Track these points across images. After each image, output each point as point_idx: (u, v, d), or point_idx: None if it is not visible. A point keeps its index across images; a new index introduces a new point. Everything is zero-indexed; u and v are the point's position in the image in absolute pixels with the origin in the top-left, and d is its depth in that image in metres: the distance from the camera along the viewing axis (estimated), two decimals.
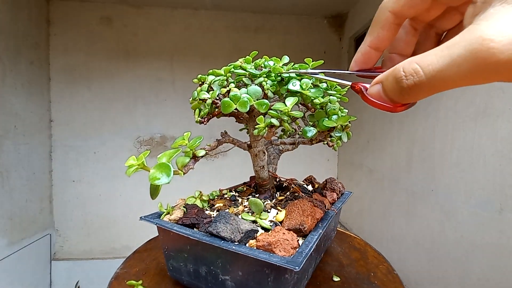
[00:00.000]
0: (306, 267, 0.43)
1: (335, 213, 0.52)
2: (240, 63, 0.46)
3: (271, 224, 0.45)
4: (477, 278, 0.90)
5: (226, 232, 0.40)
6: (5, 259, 1.51)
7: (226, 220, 0.42)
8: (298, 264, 0.34)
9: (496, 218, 0.85)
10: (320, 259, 0.57)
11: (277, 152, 0.62)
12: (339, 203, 0.58)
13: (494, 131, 0.86)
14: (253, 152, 0.54)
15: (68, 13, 1.89)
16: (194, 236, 0.41)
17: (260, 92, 0.41)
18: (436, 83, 0.18)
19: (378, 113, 1.58)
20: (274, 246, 0.37)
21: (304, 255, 0.36)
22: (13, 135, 1.57)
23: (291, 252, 0.37)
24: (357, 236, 0.76)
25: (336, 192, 0.61)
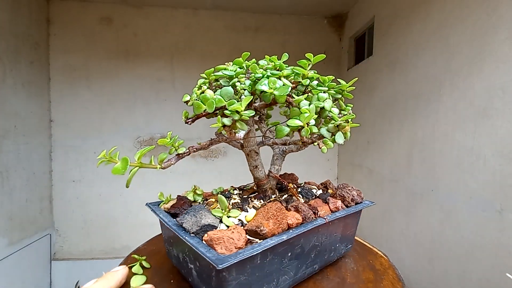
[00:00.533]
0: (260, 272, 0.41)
1: (325, 222, 0.48)
2: (227, 65, 0.47)
3: (237, 223, 0.45)
4: (477, 278, 0.90)
5: (187, 223, 0.42)
6: (5, 259, 1.51)
7: (194, 213, 0.44)
8: (222, 263, 0.34)
9: (496, 218, 0.85)
10: (314, 270, 0.53)
11: (281, 153, 0.61)
12: (340, 212, 0.53)
13: (494, 131, 0.86)
14: (245, 151, 0.54)
15: (68, 13, 1.89)
16: (167, 224, 0.45)
17: (231, 92, 0.42)
18: None
19: (378, 114, 1.58)
20: (215, 242, 0.38)
21: (240, 256, 0.35)
22: (13, 135, 1.57)
23: (232, 251, 0.37)
24: (384, 255, 0.66)
25: (346, 200, 0.57)
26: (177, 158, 0.48)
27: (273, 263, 0.43)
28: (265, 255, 0.40)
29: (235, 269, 0.37)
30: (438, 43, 1.11)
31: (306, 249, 0.49)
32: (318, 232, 0.49)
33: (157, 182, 1.99)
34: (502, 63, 0.84)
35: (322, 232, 0.51)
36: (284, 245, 0.43)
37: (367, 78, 1.73)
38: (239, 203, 0.54)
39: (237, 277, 0.38)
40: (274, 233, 0.42)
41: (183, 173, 2.05)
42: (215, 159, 2.11)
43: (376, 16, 1.64)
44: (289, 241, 0.43)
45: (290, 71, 0.46)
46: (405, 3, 1.34)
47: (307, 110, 0.42)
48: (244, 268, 0.38)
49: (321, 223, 0.48)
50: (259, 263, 0.40)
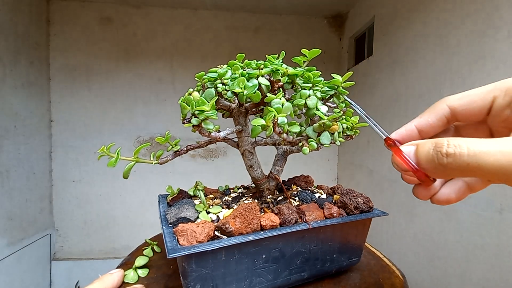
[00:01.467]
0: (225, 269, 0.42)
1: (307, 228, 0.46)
2: (219, 67, 0.48)
3: (214, 219, 0.47)
4: (477, 278, 0.90)
5: (170, 215, 0.46)
6: (5, 259, 1.51)
7: (179, 206, 0.48)
8: (173, 253, 0.36)
9: (496, 218, 0.85)
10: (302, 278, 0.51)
11: (282, 153, 0.61)
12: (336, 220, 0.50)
13: None
14: (240, 151, 0.55)
15: (68, 13, 1.89)
16: (160, 213, 0.49)
17: (213, 94, 0.44)
18: (475, 164, 0.18)
19: (379, 114, 1.58)
20: (180, 234, 0.40)
21: (193, 249, 0.37)
22: (13, 135, 1.57)
23: (192, 243, 0.39)
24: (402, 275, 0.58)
25: (348, 207, 0.53)
26: (173, 155, 0.49)
27: (243, 263, 0.43)
28: (230, 252, 0.41)
29: (194, 262, 0.39)
30: (438, 43, 1.11)
31: (288, 254, 0.47)
32: (303, 238, 0.48)
33: (157, 182, 1.99)
34: (502, 63, 0.84)
35: (310, 238, 0.48)
36: (255, 245, 0.43)
37: (367, 78, 1.73)
38: (230, 201, 0.55)
39: (197, 269, 0.39)
40: (242, 233, 0.42)
41: (183, 173, 2.05)
42: (215, 159, 2.11)
43: (376, 16, 1.64)
44: (260, 242, 0.43)
45: (269, 69, 0.46)
46: (405, 3, 1.34)
47: (273, 109, 0.41)
48: (205, 262, 0.40)
49: (302, 229, 0.46)
50: (224, 260, 0.41)
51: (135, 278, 0.52)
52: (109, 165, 0.41)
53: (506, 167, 0.17)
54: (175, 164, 1.97)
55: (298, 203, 0.56)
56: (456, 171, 0.19)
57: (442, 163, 0.20)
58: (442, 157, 0.20)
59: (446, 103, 0.26)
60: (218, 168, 2.11)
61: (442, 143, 0.20)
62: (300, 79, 0.49)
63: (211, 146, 1.98)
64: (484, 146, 0.18)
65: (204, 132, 0.43)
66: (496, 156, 0.17)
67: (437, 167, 0.20)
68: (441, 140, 0.20)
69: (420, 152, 0.22)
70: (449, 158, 0.19)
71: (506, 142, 0.17)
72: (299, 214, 0.48)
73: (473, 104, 0.24)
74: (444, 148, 0.20)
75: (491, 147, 0.18)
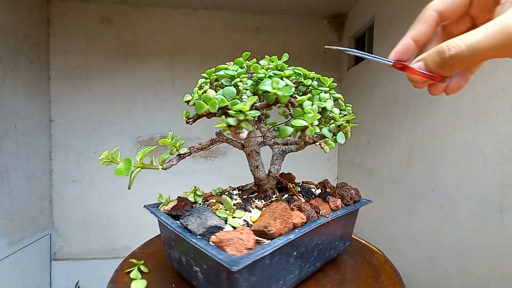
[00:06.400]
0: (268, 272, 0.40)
1: (328, 221, 0.49)
2: (227, 64, 0.47)
3: (243, 224, 0.45)
4: (477, 278, 0.90)
5: (193, 225, 0.42)
6: (5, 259, 1.51)
7: (198, 215, 0.44)
8: (237, 265, 0.33)
9: (496, 218, 0.85)
10: (316, 268, 0.53)
11: (280, 153, 0.61)
12: (341, 210, 0.54)
13: (494, 131, 0.86)
14: (246, 151, 0.54)
15: (68, 13, 1.89)
16: (170, 226, 0.44)
17: (234, 92, 0.42)
18: (474, 53, 0.23)
19: (379, 114, 1.58)
20: (225, 244, 0.37)
21: (252, 257, 0.35)
22: (13, 135, 1.57)
23: (243, 252, 0.37)
24: (380, 251, 0.68)
25: (345, 198, 0.58)
26: (178, 159, 0.47)
27: (281, 263, 0.43)
28: (273, 255, 0.40)
29: (247, 270, 0.36)
30: None
31: (310, 248, 0.49)
32: (320, 231, 0.50)
33: (157, 182, 1.98)
34: (502, 63, 0.84)
35: (324, 231, 0.51)
36: (290, 244, 0.43)
37: (367, 78, 1.73)
38: (241, 203, 0.54)
39: (248, 278, 0.37)
40: (281, 233, 0.42)
41: (183, 173, 2.04)
42: (215, 159, 2.11)
43: (376, 16, 1.64)
44: (294, 240, 0.43)
45: (291, 71, 0.46)
46: (405, 3, 1.34)
47: (311, 110, 0.41)
48: (254, 269, 0.38)
49: (324, 222, 0.48)
50: (268, 263, 0.40)
51: None
52: (117, 173, 0.37)
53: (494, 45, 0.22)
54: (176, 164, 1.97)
55: (304, 200, 0.57)
56: (463, 64, 0.24)
57: (449, 64, 0.24)
58: (448, 59, 0.24)
59: (432, 9, 0.29)
60: (218, 168, 2.11)
61: (443, 49, 0.24)
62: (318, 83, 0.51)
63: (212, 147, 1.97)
64: (475, 36, 0.23)
65: (237, 132, 0.41)
66: (485, 41, 0.22)
67: (446, 68, 0.25)
68: (442, 47, 0.24)
69: (429, 63, 0.26)
70: (454, 58, 0.24)
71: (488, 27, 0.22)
72: (314, 209, 0.50)
73: (456, 2, 0.28)
74: (446, 52, 0.24)
75: (479, 35, 0.22)
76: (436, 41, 0.31)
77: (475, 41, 0.22)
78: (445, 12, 0.29)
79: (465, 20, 0.30)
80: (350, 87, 2.01)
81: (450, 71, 0.26)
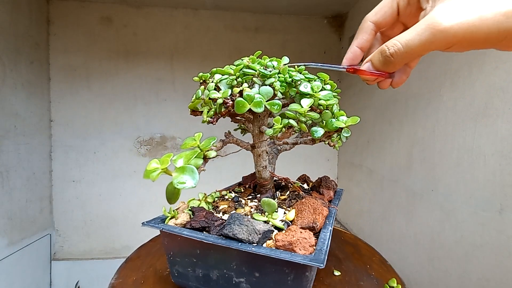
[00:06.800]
0: None
1: (336, 210, 0.53)
2: (247, 62, 0.45)
3: (283, 224, 0.44)
4: (477, 278, 0.90)
5: (243, 234, 0.39)
6: (5, 259, 1.51)
7: (240, 222, 0.41)
8: (321, 261, 0.34)
9: (496, 218, 0.85)
10: None
11: (275, 152, 0.61)
12: (335, 200, 0.59)
13: (494, 131, 0.86)
14: (257, 152, 0.54)
15: (68, 13, 1.89)
16: (208, 240, 0.40)
17: (271, 92, 0.42)
18: (409, 49, 0.27)
19: (379, 114, 1.58)
20: (294, 245, 0.37)
21: (324, 252, 0.37)
22: (13, 135, 1.57)
23: (310, 250, 0.37)
24: (347, 231, 0.80)
25: (332, 189, 0.63)
26: (205, 164, 0.45)
27: None
28: None
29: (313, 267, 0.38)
30: None
31: None
32: None
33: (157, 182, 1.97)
34: (502, 63, 0.84)
35: None
36: None
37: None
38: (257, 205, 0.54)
39: (313, 274, 0.39)
40: (321, 226, 0.44)
41: None
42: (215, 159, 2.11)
43: None
44: None
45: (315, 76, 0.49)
46: None
47: (343, 113, 0.45)
48: None
49: (335, 212, 0.52)
50: None
51: None
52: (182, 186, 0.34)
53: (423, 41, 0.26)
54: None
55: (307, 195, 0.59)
56: (402, 60, 0.29)
57: (391, 61, 0.29)
58: (390, 57, 0.29)
59: (369, 21, 0.35)
60: (218, 168, 2.11)
61: (384, 49, 0.29)
62: None
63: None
64: (407, 35, 0.27)
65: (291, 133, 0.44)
66: (416, 38, 0.26)
67: (390, 65, 0.30)
68: (383, 47, 0.29)
69: (375, 63, 0.31)
70: (393, 55, 0.28)
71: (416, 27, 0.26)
72: None
73: (386, 13, 0.34)
74: (387, 51, 0.29)
75: (411, 34, 0.27)
76: (378, 44, 0.37)
77: (408, 39, 0.27)
78: (379, 22, 0.35)
79: (398, 25, 0.36)
80: (350, 87, 2.01)
81: (393, 67, 0.30)
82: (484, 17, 0.23)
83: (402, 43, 0.27)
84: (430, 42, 0.26)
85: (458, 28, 0.24)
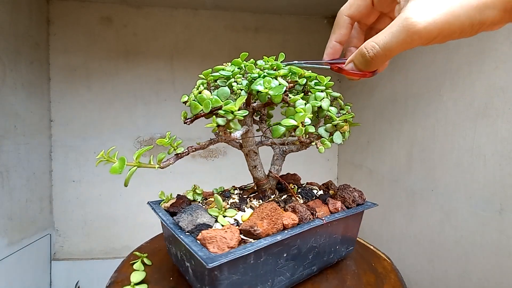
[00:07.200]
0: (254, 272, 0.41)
1: (323, 223, 0.48)
2: (224, 65, 0.48)
3: (233, 223, 0.46)
4: (477, 278, 0.90)
5: (183, 222, 0.44)
6: (5, 259, 1.51)
7: (190, 212, 0.46)
8: (212, 262, 0.34)
9: (496, 218, 0.85)
10: (312, 271, 0.53)
11: (281, 153, 0.61)
12: (342, 213, 0.53)
13: (494, 131, 0.86)
14: (244, 151, 0.55)
15: (68, 13, 1.89)
16: (164, 222, 0.47)
17: (228, 93, 0.43)
18: (387, 51, 0.28)
19: (378, 114, 1.58)
20: (208, 241, 0.38)
21: (231, 256, 0.36)
22: (13, 135, 1.57)
23: (224, 250, 0.37)
24: (388, 258, 0.65)
25: (347, 201, 0.57)
26: (175, 158, 0.48)
27: (268, 264, 0.43)
28: (258, 255, 0.41)
29: (227, 268, 0.37)
30: None
31: (303, 250, 0.48)
32: (316, 233, 0.49)
33: (157, 182, 1.99)
34: (502, 63, 0.84)
35: (321, 233, 0.50)
36: (279, 245, 0.43)
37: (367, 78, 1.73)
38: (237, 203, 0.55)
39: (229, 276, 0.38)
40: (269, 233, 0.42)
41: (182, 173, 2.04)
42: (215, 159, 2.11)
43: None
44: (284, 241, 0.43)
45: (287, 70, 0.47)
46: None
47: (302, 110, 0.42)
48: (236, 268, 0.38)
49: (318, 224, 0.47)
50: (253, 263, 0.40)
51: None
52: (112, 172, 0.39)
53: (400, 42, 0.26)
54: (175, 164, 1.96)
55: (303, 201, 0.57)
56: (382, 61, 0.29)
57: (372, 62, 0.30)
58: (370, 60, 0.29)
59: (344, 15, 0.36)
60: (218, 168, 2.11)
61: (363, 51, 0.30)
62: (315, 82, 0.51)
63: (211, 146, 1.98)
64: (384, 38, 0.27)
65: (227, 132, 0.42)
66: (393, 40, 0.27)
67: (371, 65, 0.30)
68: (362, 49, 0.30)
69: (357, 64, 0.32)
70: (373, 58, 0.29)
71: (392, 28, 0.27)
72: (310, 211, 0.49)
73: (361, 6, 0.34)
74: (366, 54, 0.29)
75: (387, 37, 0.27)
76: (357, 34, 0.38)
77: (385, 41, 0.27)
78: (354, 15, 0.35)
79: (374, 13, 0.36)
80: (350, 87, 2.01)
81: (375, 66, 0.31)
82: (457, 13, 0.24)
83: (380, 46, 0.28)
84: (407, 43, 0.26)
85: (433, 28, 0.24)
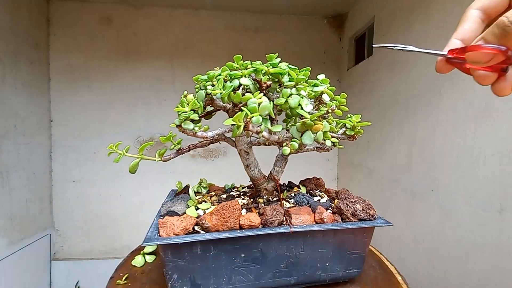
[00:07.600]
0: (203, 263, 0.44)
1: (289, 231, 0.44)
2: (215, 69, 0.49)
3: (201, 214, 0.50)
4: (477, 278, 0.90)
5: (164, 207, 0.50)
6: (5, 259, 1.51)
7: (175, 200, 0.53)
8: (146, 242, 0.40)
9: (496, 218, 0.85)
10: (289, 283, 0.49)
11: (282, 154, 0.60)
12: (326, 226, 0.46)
13: (494, 131, 0.86)
14: (237, 150, 0.56)
15: (68, 13, 1.89)
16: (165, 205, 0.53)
17: (203, 95, 0.46)
18: None
19: (378, 114, 1.58)
20: (161, 226, 0.43)
21: (166, 240, 0.40)
22: (13, 135, 1.57)
23: (169, 235, 0.42)
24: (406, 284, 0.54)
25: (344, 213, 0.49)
26: (176, 153, 0.51)
27: (220, 259, 0.44)
28: (206, 248, 0.43)
29: (170, 253, 0.41)
30: (438, 43, 1.11)
31: (270, 256, 0.46)
32: (287, 241, 0.46)
33: (157, 182, 1.99)
34: None
35: (295, 242, 0.46)
36: (231, 243, 0.44)
37: (367, 78, 1.73)
38: (224, 199, 0.57)
39: (173, 260, 0.42)
40: (218, 229, 0.44)
41: (183, 173, 2.05)
42: (215, 159, 2.11)
43: (376, 16, 1.64)
44: (237, 240, 0.44)
45: (252, 69, 0.46)
46: (405, 3, 1.34)
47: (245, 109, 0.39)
48: (181, 254, 0.42)
49: (282, 231, 0.44)
50: (200, 254, 0.43)
51: (142, 262, 0.58)
52: (115, 161, 0.47)
53: None
54: (175, 164, 1.97)
55: (291, 205, 0.54)
56: None
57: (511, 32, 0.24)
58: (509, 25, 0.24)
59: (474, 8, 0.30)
60: (218, 168, 2.11)
61: (502, 20, 0.24)
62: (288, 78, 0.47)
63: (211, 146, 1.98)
64: None
65: (188, 132, 0.44)
66: None
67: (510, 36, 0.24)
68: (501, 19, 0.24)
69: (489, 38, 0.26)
70: None
71: None
72: (286, 217, 0.46)
73: None
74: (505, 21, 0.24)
75: None
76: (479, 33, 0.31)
77: None
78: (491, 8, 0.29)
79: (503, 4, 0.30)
80: (350, 87, 2.01)
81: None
82: None
83: None
84: None
85: None
